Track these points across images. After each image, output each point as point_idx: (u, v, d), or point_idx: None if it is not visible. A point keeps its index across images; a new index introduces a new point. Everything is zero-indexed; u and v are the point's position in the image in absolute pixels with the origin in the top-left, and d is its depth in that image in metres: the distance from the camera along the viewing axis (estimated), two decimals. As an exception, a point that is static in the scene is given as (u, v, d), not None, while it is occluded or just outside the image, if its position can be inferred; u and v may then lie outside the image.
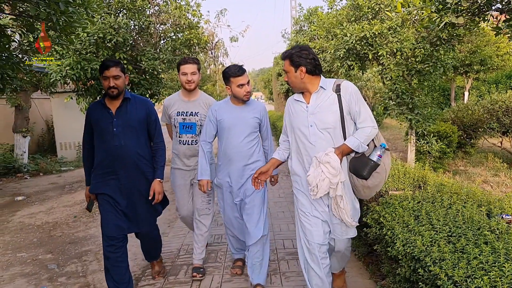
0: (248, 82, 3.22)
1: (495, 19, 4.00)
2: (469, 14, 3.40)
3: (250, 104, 3.33)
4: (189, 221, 3.87)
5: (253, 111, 3.30)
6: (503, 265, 1.85)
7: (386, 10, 6.89)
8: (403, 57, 6.94)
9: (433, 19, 3.41)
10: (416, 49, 6.77)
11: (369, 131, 2.53)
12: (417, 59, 6.77)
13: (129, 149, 3.05)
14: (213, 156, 3.50)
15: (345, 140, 2.56)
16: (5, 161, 9.45)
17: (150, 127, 3.23)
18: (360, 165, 2.51)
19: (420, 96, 7.46)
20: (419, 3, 3.63)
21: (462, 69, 14.02)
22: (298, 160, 2.74)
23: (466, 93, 16.37)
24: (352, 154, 2.57)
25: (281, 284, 3.43)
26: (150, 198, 3.15)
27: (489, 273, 1.85)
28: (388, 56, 6.97)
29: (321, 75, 2.67)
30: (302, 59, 2.55)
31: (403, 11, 4.36)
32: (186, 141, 3.60)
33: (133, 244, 4.41)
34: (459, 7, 3.33)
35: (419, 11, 3.71)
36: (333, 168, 2.41)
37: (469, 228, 2.35)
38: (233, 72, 3.17)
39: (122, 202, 3.09)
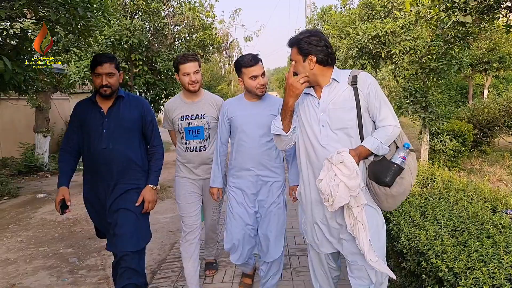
0: (263, 74, 2.79)
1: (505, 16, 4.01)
2: (478, 13, 3.42)
3: (267, 99, 2.89)
4: (197, 238, 3.26)
5: (269, 108, 2.84)
6: (502, 257, 1.91)
7: (399, 9, 6.90)
8: (417, 55, 6.94)
9: (442, 18, 3.43)
10: (431, 47, 6.76)
11: (390, 130, 2.14)
12: (433, 57, 6.75)
13: (118, 152, 2.67)
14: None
15: (362, 141, 2.16)
16: (27, 160, 9.76)
17: (146, 129, 2.84)
18: (381, 170, 2.11)
19: (434, 95, 7.45)
20: (428, 2, 3.66)
21: (480, 66, 13.82)
22: (306, 163, 2.32)
23: (486, 91, 16.14)
24: (371, 158, 2.17)
25: (291, 279, 3.53)
26: (137, 204, 2.70)
27: (488, 264, 1.91)
28: (401, 54, 6.98)
29: (334, 66, 2.26)
30: (312, 47, 2.16)
31: (411, 10, 4.37)
32: (193, 147, 3.17)
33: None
34: (467, 6, 3.34)
35: (427, 10, 3.72)
36: (347, 169, 1.99)
37: (473, 223, 2.40)
38: (245, 61, 2.76)
39: (109, 217, 2.70)
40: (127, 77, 7.00)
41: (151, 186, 2.77)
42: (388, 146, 2.17)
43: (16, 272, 4.04)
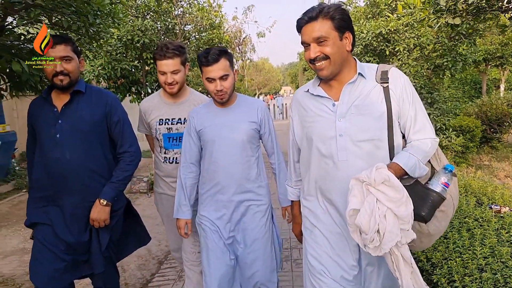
0: (225, 77, 2.16)
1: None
2: (468, 14, 3.51)
3: (241, 103, 2.33)
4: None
5: (246, 114, 2.28)
6: (476, 248, 2.05)
7: (392, 11, 7.01)
8: (422, 53, 7.02)
9: (431, 20, 3.54)
10: (436, 44, 6.84)
11: (429, 145, 1.62)
12: (439, 53, 6.82)
13: (75, 163, 2.11)
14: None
15: (391, 158, 1.63)
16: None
17: (112, 132, 2.26)
18: (415, 200, 1.49)
19: (441, 91, 7.52)
20: (420, 4, 3.76)
21: (496, 61, 13.70)
22: (314, 191, 1.79)
23: (502, 86, 16.00)
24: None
25: (291, 270, 3.69)
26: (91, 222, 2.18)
27: (463, 255, 2.06)
28: (405, 52, 7.07)
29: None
30: (349, 22, 1.63)
31: (404, 12, 4.48)
32: (173, 158, 2.60)
33: (158, 231, 4.79)
34: (457, 9, 3.44)
35: (418, 13, 3.84)
36: (393, 190, 1.43)
37: (456, 217, 2.54)
38: (201, 58, 2.15)
39: (68, 238, 2.16)
40: (139, 75, 7.27)
41: (101, 200, 2.16)
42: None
43: (34, 262, 4.29)
